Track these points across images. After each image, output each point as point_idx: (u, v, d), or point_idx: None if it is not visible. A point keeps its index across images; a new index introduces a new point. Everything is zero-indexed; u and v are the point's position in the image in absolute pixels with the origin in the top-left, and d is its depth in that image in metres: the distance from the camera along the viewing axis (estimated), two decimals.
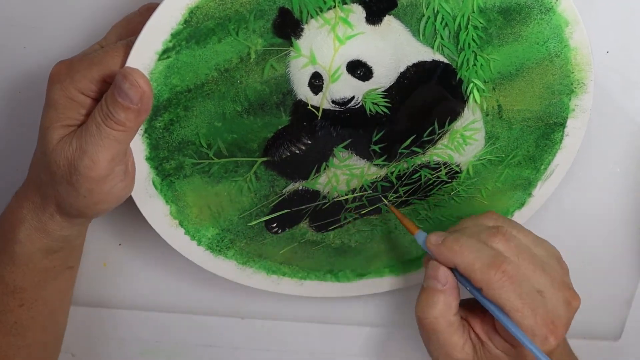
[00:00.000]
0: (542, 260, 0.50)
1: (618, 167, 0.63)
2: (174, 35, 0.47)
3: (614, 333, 0.67)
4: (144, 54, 0.47)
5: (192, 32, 0.47)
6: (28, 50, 0.58)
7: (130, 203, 0.58)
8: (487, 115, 0.55)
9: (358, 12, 0.49)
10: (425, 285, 0.51)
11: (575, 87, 0.54)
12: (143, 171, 0.52)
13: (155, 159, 0.52)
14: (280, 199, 0.57)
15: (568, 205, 0.64)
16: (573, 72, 0.53)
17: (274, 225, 0.58)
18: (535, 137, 0.56)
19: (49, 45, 0.58)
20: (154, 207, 0.54)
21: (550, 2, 0.50)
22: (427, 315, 0.50)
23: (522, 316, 0.47)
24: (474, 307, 0.52)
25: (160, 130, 0.51)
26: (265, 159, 0.54)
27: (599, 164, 0.63)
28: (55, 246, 0.53)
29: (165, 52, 0.48)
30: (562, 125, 0.56)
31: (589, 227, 0.66)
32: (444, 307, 0.50)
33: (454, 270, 0.50)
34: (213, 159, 0.53)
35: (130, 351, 0.65)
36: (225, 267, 0.59)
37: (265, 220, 0.58)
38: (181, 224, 0.56)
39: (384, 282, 0.63)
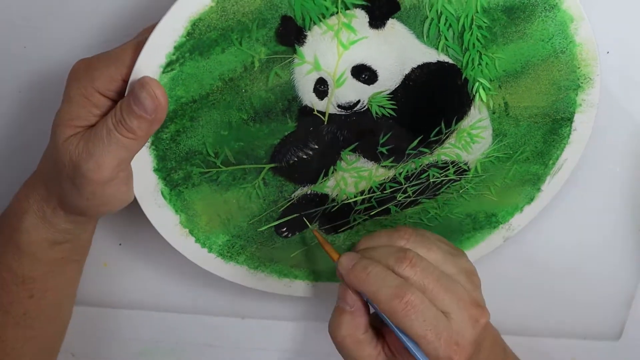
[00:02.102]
0: (449, 280, 0.51)
1: (618, 167, 0.63)
2: (177, 48, 0.47)
3: (614, 333, 0.67)
4: (148, 68, 0.47)
5: (196, 44, 0.47)
6: (28, 50, 0.58)
7: (130, 203, 0.58)
8: (494, 113, 0.55)
9: (361, 17, 0.49)
10: (336, 305, 0.53)
11: (581, 82, 0.54)
12: (151, 182, 0.52)
13: (163, 170, 0.52)
14: (289, 203, 0.57)
15: (568, 205, 0.64)
16: (579, 68, 0.53)
17: (284, 229, 0.58)
18: (543, 133, 0.56)
19: (48, 45, 0.58)
20: (164, 217, 0.54)
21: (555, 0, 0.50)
22: (336, 334, 0.52)
23: (427, 342, 0.49)
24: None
25: (167, 142, 0.51)
26: (272, 165, 0.54)
27: (599, 164, 0.62)
28: (61, 238, 0.54)
29: (169, 65, 0.48)
30: (570, 120, 0.55)
31: (589, 227, 0.66)
32: (351, 327, 0.52)
33: None
34: (221, 167, 0.53)
35: (130, 351, 0.66)
36: (237, 272, 0.59)
37: (275, 225, 0.58)
38: (191, 233, 0.56)
39: None
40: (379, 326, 0.54)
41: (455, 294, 0.50)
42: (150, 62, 0.47)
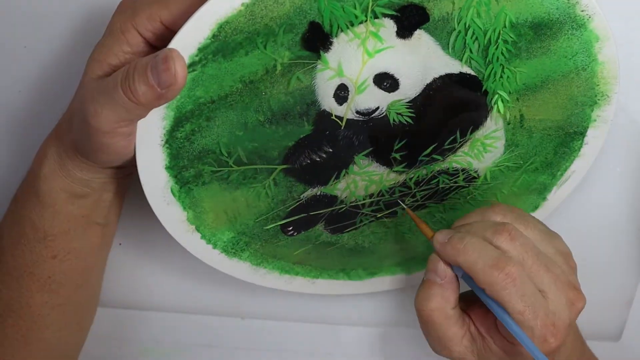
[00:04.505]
0: (548, 259, 0.49)
1: (618, 167, 0.64)
2: (201, 50, 0.46)
3: (614, 333, 0.68)
4: None
5: (220, 46, 0.46)
6: (28, 50, 0.58)
7: (130, 203, 0.57)
8: (509, 124, 0.55)
9: (389, 27, 0.48)
10: (425, 278, 0.52)
11: (598, 99, 0.54)
12: (162, 180, 0.51)
13: (175, 167, 0.51)
14: (297, 203, 0.56)
15: (568, 205, 0.65)
16: (598, 85, 0.53)
17: (290, 228, 0.58)
18: (555, 145, 0.56)
19: (49, 44, 0.57)
20: (171, 214, 0.53)
21: (583, 19, 0.49)
22: (424, 307, 0.51)
23: (524, 318, 0.47)
24: (477, 302, 0.52)
25: (181, 140, 0.50)
26: (285, 166, 0.53)
27: (599, 164, 0.63)
28: (79, 190, 0.53)
29: (191, 66, 0.46)
30: (582, 134, 0.56)
31: (589, 227, 0.66)
32: (441, 300, 0.50)
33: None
34: (233, 167, 0.52)
35: (130, 351, 0.66)
36: (239, 268, 0.59)
37: (281, 224, 0.57)
38: (197, 229, 0.55)
39: (395, 280, 0.63)
40: (466, 307, 0.52)
41: (553, 274, 0.48)
42: None
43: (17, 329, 0.55)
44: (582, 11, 0.49)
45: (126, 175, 0.55)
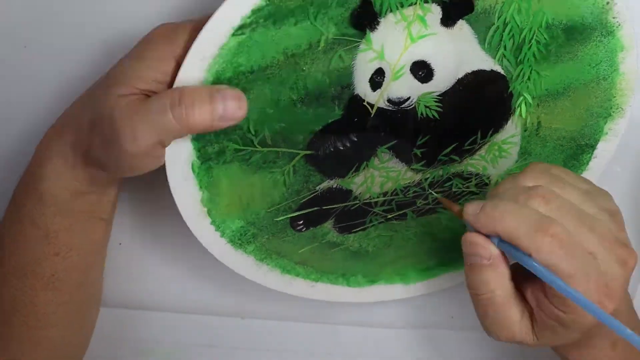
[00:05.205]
0: (591, 218, 0.46)
1: (618, 167, 0.64)
2: (255, 12, 0.45)
3: None
4: (221, 27, 0.45)
5: (272, 11, 0.46)
6: (28, 50, 0.57)
7: (130, 203, 0.57)
8: (525, 130, 0.56)
9: (435, 13, 0.49)
10: (469, 263, 0.47)
11: (613, 112, 0.56)
12: (185, 152, 0.49)
13: (201, 140, 0.49)
14: (312, 195, 0.55)
15: None
16: (615, 97, 0.55)
17: (300, 222, 0.57)
18: (565, 157, 0.58)
19: (48, 45, 0.57)
20: (187, 192, 0.51)
21: (612, 26, 0.52)
22: (482, 291, 0.47)
23: (575, 282, 0.43)
24: (518, 273, 0.48)
25: None
26: (308, 152, 0.53)
27: None
28: (83, 189, 0.51)
29: (241, 28, 0.46)
30: (593, 147, 0.58)
31: None
32: (497, 279, 0.46)
33: (493, 237, 0.46)
34: (257, 147, 0.51)
35: (130, 351, 0.64)
36: (243, 262, 0.57)
37: (291, 217, 0.56)
38: (209, 213, 0.53)
39: (393, 290, 0.62)
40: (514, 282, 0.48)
41: (598, 234, 0.45)
42: (224, 21, 0.45)
43: (24, 328, 0.54)
44: (614, 18, 0.52)
45: None
